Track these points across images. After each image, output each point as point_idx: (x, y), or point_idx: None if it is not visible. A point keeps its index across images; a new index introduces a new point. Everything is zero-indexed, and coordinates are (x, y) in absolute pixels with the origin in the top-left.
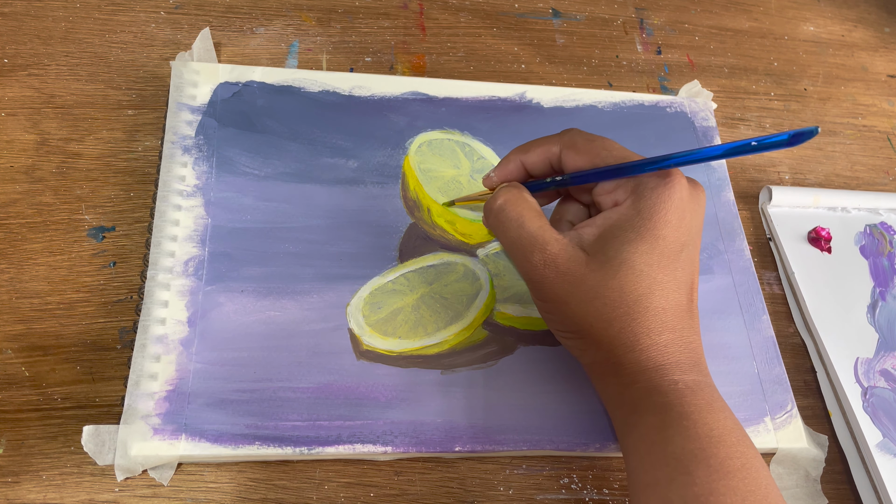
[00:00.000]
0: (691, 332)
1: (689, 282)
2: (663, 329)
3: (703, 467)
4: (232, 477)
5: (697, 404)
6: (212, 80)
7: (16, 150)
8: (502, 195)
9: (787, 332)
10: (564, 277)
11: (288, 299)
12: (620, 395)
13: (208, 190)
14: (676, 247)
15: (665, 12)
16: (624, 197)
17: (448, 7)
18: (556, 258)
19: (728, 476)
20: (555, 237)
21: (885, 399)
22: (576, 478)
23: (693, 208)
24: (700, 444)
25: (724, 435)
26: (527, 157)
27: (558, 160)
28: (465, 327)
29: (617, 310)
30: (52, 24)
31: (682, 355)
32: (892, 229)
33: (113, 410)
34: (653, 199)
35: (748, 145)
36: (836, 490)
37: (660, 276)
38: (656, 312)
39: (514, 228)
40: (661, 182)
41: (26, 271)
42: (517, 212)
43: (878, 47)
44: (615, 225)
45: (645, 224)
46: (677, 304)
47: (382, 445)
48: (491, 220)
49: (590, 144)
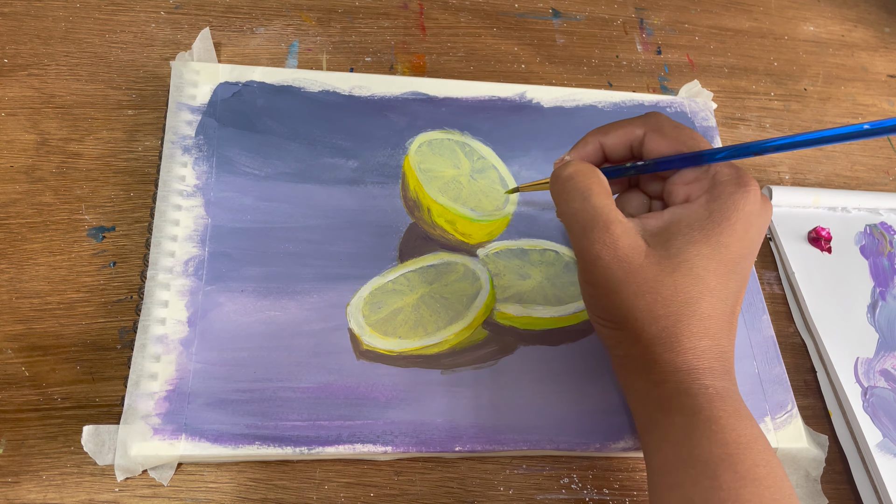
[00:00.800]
0: (728, 342)
1: (738, 293)
2: (704, 335)
3: (730, 473)
4: (232, 477)
5: (726, 410)
6: (212, 80)
7: (16, 150)
8: (574, 165)
9: (787, 332)
10: (620, 264)
11: (288, 299)
12: (648, 392)
13: (208, 190)
14: (736, 257)
15: (665, 12)
16: (698, 194)
17: (448, 7)
18: (617, 240)
19: (754, 483)
20: (620, 219)
21: (886, 399)
22: (576, 478)
23: (760, 223)
24: (727, 449)
25: (752, 442)
26: (607, 138)
27: (640, 144)
28: (466, 327)
29: (666, 308)
30: (52, 24)
31: (717, 362)
32: (892, 229)
33: (113, 410)
34: (727, 204)
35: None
36: (836, 490)
37: (714, 283)
38: (702, 318)
39: (578, 199)
40: (739, 189)
41: (26, 271)
42: (586, 184)
43: (878, 47)
44: (683, 221)
45: (714, 228)
46: (722, 312)
47: (382, 445)
48: (557, 187)
49: (677, 130)
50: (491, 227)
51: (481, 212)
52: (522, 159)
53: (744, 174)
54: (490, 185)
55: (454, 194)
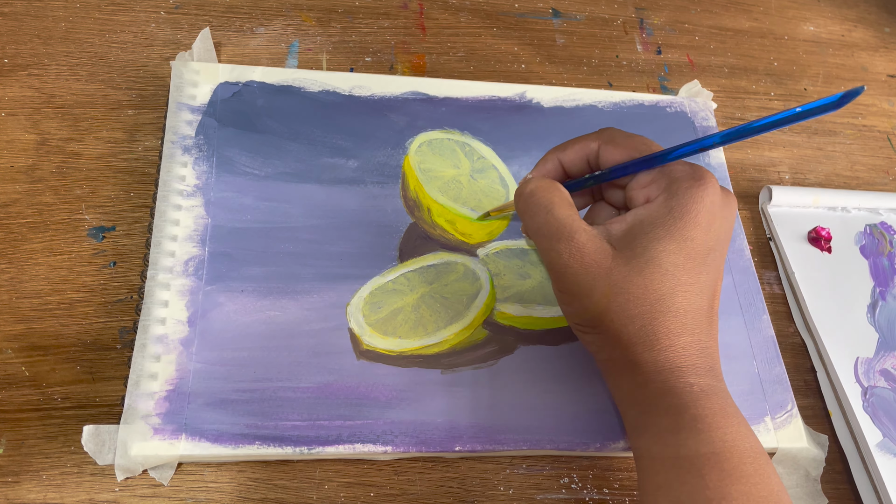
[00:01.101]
0: (709, 337)
1: (712, 287)
2: (683, 331)
3: (716, 471)
4: (232, 477)
5: (712, 408)
6: (212, 80)
7: (16, 150)
8: (535, 181)
9: (787, 331)
10: (588, 269)
11: (288, 299)
12: (633, 394)
13: (208, 190)
14: (704, 250)
15: (665, 12)
16: (657, 193)
17: (448, 7)
18: (583, 248)
19: (740, 481)
20: (583, 227)
21: (886, 399)
22: (576, 478)
23: (724, 214)
24: (713, 447)
25: (738, 440)
26: (564, 154)
27: (596, 157)
28: (466, 327)
29: (639, 307)
30: (52, 24)
31: (699, 359)
32: (892, 229)
33: (113, 410)
34: (685, 199)
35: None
36: (836, 490)
37: (684, 278)
38: (677, 314)
39: (542, 213)
40: (695, 183)
41: (26, 271)
42: (547, 198)
43: (878, 47)
44: (645, 221)
45: (675, 223)
46: (698, 307)
47: (382, 445)
48: (520, 204)
49: (629, 139)
50: (491, 226)
51: (481, 212)
52: (522, 159)
53: (699, 169)
54: (490, 185)
55: (454, 194)
